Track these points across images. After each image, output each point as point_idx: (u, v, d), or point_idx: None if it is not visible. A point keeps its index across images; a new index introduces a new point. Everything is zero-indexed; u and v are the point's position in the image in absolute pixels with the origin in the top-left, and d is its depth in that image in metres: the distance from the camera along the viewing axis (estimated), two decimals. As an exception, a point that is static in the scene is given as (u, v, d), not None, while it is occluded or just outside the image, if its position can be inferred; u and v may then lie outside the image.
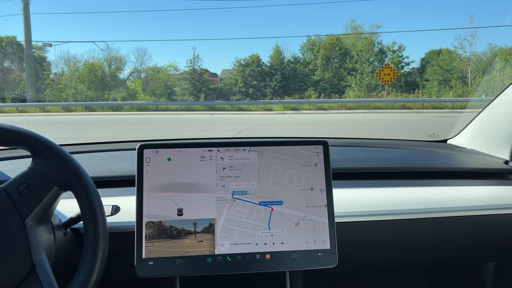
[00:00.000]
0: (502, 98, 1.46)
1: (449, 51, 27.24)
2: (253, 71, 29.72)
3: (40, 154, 0.77)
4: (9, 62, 28.63)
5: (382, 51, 29.26)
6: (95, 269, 0.75)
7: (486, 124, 1.53)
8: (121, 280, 1.11)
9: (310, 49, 31.23)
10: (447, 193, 1.21)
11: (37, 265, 0.74)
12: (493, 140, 1.49)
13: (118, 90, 29.46)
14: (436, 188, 1.23)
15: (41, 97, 25.97)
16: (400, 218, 1.13)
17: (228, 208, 0.92)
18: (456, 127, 1.72)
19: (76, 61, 30.01)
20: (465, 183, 1.28)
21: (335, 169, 1.19)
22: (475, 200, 1.19)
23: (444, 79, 26.43)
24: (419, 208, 1.14)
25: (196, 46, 51.18)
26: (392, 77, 19.39)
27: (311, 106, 20.18)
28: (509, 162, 1.40)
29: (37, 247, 0.75)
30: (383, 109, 18.36)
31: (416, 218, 1.14)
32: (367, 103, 19.48)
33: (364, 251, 1.20)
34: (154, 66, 32.46)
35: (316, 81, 29.50)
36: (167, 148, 0.93)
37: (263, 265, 0.91)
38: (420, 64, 29.57)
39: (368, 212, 1.11)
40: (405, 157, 1.46)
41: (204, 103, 24.14)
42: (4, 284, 0.71)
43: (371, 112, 16.89)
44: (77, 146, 1.51)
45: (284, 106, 20.65)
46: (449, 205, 1.16)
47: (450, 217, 1.16)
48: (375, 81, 25.04)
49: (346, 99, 24.35)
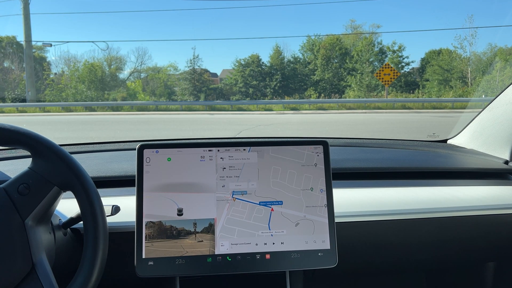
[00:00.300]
0: (502, 98, 1.46)
1: (449, 51, 27.27)
2: (253, 71, 29.72)
3: (40, 154, 0.77)
4: (9, 62, 28.62)
5: (382, 51, 29.26)
6: (95, 269, 0.75)
7: (486, 124, 1.53)
8: (121, 280, 1.11)
9: (310, 49, 31.23)
10: (447, 193, 1.21)
11: (37, 265, 0.74)
12: (493, 140, 1.49)
13: (118, 90, 29.45)
14: (436, 188, 1.23)
15: (41, 97, 25.96)
16: (400, 218, 1.13)
17: (228, 208, 0.92)
18: (456, 127, 1.73)
19: (76, 61, 30.03)
20: (465, 183, 1.28)
21: (335, 169, 1.19)
22: (475, 200, 1.19)
23: (444, 79, 26.43)
24: (419, 208, 1.14)
25: (196, 46, 51.26)
26: (392, 77, 19.39)
27: (311, 106, 20.17)
28: (509, 162, 1.40)
29: (37, 247, 0.75)
30: (383, 109, 18.36)
31: (416, 218, 1.14)
32: (367, 103, 19.47)
33: (364, 251, 1.20)
34: (154, 66, 32.51)
35: (316, 81, 29.50)
36: (167, 148, 0.93)
37: (263, 265, 0.91)
38: (420, 64, 29.58)
39: (368, 212, 1.11)
40: (405, 157, 1.46)
41: (204, 103, 24.13)
42: (4, 284, 0.71)
43: (371, 112, 16.88)
44: (77, 146, 1.51)
45: (284, 106, 20.66)
46: (449, 205, 1.16)
47: (450, 217, 1.16)
48: (375, 81, 25.03)
49: (346, 99, 24.34)
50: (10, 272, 0.72)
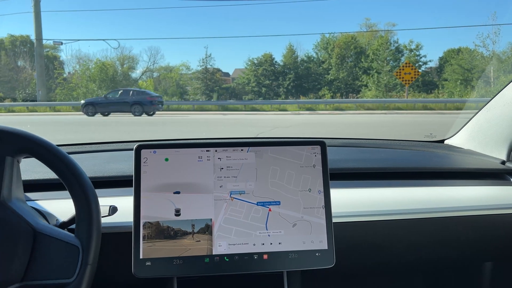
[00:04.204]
0: (499, 99, 1.45)
1: (469, 49, 26.49)
2: (266, 71, 29.55)
3: (39, 155, 0.78)
4: (22, 61, 28.58)
5: (398, 50, 28.62)
6: (86, 271, 0.75)
7: (483, 125, 1.54)
8: (118, 281, 1.09)
9: (324, 48, 30.94)
10: (444, 193, 1.23)
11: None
12: (490, 140, 1.50)
13: (130, 90, 29.24)
14: (433, 188, 1.25)
15: (52, 96, 25.80)
16: (397, 218, 1.14)
17: (226, 207, 0.92)
18: (454, 128, 1.72)
19: (88, 60, 29.88)
20: (462, 183, 1.29)
21: (332, 169, 1.16)
22: (472, 200, 1.21)
23: (464, 79, 25.67)
24: (416, 208, 1.15)
25: (208, 45, 50.64)
26: (413, 76, 18.71)
27: (327, 106, 19.58)
28: (506, 162, 1.41)
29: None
30: (404, 109, 17.67)
31: (413, 218, 1.15)
32: (387, 103, 18.88)
33: (362, 251, 1.20)
34: (166, 65, 32.47)
35: (330, 80, 29.17)
36: (165, 148, 0.93)
37: (261, 265, 0.92)
38: (438, 63, 28.90)
39: (366, 212, 1.12)
40: (402, 157, 1.49)
41: (217, 103, 23.80)
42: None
43: (391, 113, 16.28)
44: (75, 146, 1.50)
45: (299, 106, 20.14)
46: (446, 205, 1.17)
47: (447, 217, 1.17)
48: (394, 80, 24.42)
49: (364, 99, 23.71)
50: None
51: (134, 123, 12.95)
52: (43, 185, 1.09)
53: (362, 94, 26.64)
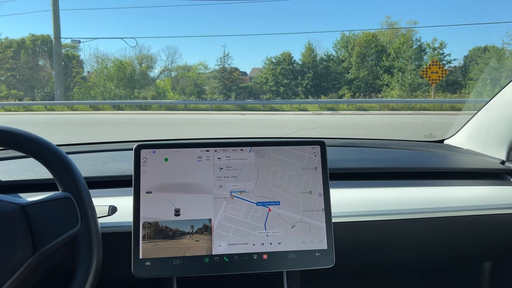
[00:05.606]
0: (499, 99, 1.45)
1: (496, 48, 25.46)
2: (284, 69, 29.00)
3: (37, 155, 0.78)
4: (43, 60, 28.70)
5: (421, 49, 27.70)
6: (90, 273, 0.75)
7: (482, 125, 1.53)
8: (118, 281, 1.08)
9: (344, 47, 30.22)
10: (443, 193, 1.22)
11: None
12: (489, 140, 1.50)
13: (148, 89, 29.14)
14: (433, 188, 1.24)
15: (70, 95, 25.80)
16: (397, 218, 1.13)
17: (226, 205, 0.92)
18: (453, 128, 1.71)
19: (106, 59, 29.85)
20: (462, 183, 1.29)
21: (332, 169, 1.16)
22: (472, 200, 1.20)
23: (491, 78, 24.70)
24: (415, 208, 1.15)
25: (226, 43, 50.27)
26: (440, 75, 17.92)
27: (349, 106, 18.91)
28: (505, 162, 1.41)
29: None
30: (430, 110, 16.90)
31: (413, 218, 1.14)
32: (412, 103, 18.09)
33: (361, 251, 1.19)
34: (184, 64, 32.20)
35: (350, 79, 28.39)
36: (164, 148, 0.93)
37: (261, 265, 0.91)
38: (464, 62, 27.91)
39: (365, 212, 1.11)
40: (402, 157, 1.49)
41: (235, 102, 23.34)
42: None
43: (417, 114, 15.57)
44: (74, 146, 1.51)
45: (320, 106, 19.48)
46: (446, 205, 1.17)
47: (447, 217, 1.16)
48: (418, 79, 23.60)
49: (388, 99, 22.93)
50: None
51: (151, 124, 12.61)
52: (43, 185, 1.06)
53: (385, 94, 25.87)
